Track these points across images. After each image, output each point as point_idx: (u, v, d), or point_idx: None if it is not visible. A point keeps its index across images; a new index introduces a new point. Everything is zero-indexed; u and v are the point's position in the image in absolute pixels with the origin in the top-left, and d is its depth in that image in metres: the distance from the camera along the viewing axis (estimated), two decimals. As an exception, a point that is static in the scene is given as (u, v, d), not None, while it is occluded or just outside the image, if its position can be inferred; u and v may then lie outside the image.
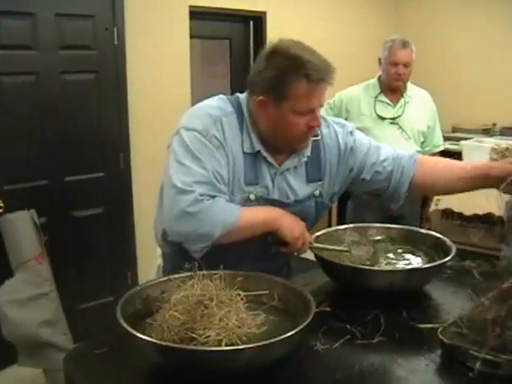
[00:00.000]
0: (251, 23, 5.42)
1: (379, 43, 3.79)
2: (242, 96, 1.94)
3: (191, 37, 4.66)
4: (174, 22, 4.51)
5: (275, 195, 1.92)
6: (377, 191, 2.13)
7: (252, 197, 1.87)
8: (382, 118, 3.65)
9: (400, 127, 3.66)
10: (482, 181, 1.95)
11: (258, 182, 1.88)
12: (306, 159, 1.96)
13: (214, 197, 1.76)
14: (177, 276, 1.65)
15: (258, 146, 1.87)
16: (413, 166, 2.06)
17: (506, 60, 6.00)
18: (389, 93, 3.70)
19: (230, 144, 1.84)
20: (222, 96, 1.96)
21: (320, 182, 2.00)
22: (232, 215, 1.76)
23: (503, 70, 6.02)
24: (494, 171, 1.91)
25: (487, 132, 5.88)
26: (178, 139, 1.84)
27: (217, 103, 1.90)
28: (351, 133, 2.06)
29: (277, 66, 1.78)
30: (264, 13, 5.32)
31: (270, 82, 1.78)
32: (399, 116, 3.66)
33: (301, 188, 1.96)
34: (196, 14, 4.70)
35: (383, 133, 3.62)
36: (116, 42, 4.13)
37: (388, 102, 3.69)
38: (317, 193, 1.99)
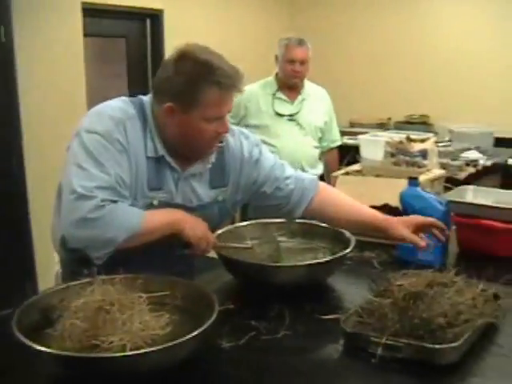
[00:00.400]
0: (148, 21, 5.35)
1: (275, 41, 3.83)
2: (146, 98, 1.89)
3: (85, 35, 4.55)
4: (66, 20, 4.39)
5: (178, 200, 1.89)
6: (274, 207, 2.11)
7: (155, 202, 1.84)
8: (280, 115, 3.70)
9: (298, 123, 3.71)
10: (376, 234, 2.06)
11: (161, 188, 1.85)
12: (210, 165, 1.94)
13: (115, 202, 1.72)
14: (76, 282, 1.60)
15: (162, 151, 1.83)
16: (314, 189, 2.09)
17: (399, 56, 6.23)
18: (286, 90, 3.74)
19: (132, 148, 1.79)
20: (124, 98, 1.90)
21: (224, 188, 1.98)
22: (135, 219, 1.72)
23: (397, 66, 6.25)
24: (392, 234, 2.00)
25: (383, 126, 6.07)
26: (79, 142, 1.77)
27: (119, 105, 1.85)
28: (257, 145, 2.06)
29: (186, 73, 1.74)
30: (161, 11, 5.27)
31: (179, 88, 1.75)
32: (297, 113, 3.72)
33: (204, 193, 1.94)
34: (89, 11, 4.58)
35: (281, 129, 3.66)
36: (3, 40, 3.96)
37: (285, 99, 3.74)
38: (220, 198, 1.98)
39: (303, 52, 3.67)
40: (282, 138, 3.64)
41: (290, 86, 3.74)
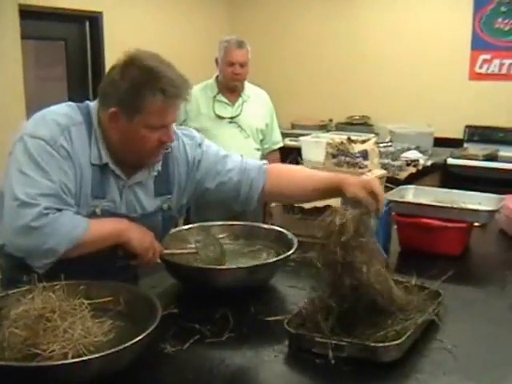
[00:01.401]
0: (87, 23, 5.27)
1: (215, 43, 3.82)
2: (92, 104, 1.86)
3: (22, 37, 4.45)
4: (3, 22, 4.28)
5: (122, 210, 1.86)
6: (225, 202, 2.09)
7: (98, 211, 1.80)
8: (221, 118, 3.69)
9: (239, 126, 3.72)
10: (335, 194, 1.97)
11: (104, 196, 1.82)
12: (156, 173, 1.92)
13: (60, 210, 1.68)
14: (15, 290, 1.56)
15: (106, 159, 1.80)
16: (262, 177, 2.04)
17: (340, 57, 6.29)
18: (227, 92, 3.74)
19: (77, 155, 1.75)
20: (70, 103, 1.86)
21: (169, 196, 1.96)
22: (79, 229, 1.69)
23: (338, 68, 6.31)
24: (348, 191, 1.89)
25: (324, 128, 6.13)
26: (22, 147, 1.72)
27: (65, 111, 1.81)
28: (200, 145, 2.03)
29: (132, 78, 1.71)
30: (100, 13, 5.20)
31: (123, 94, 1.72)
32: (238, 115, 3.72)
33: (149, 202, 1.91)
34: (27, 13, 4.48)
35: (222, 132, 3.65)
36: None
37: (226, 101, 3.74)
38: (165, 206, 1.95)
39: (243, 54, 3.68)
40: (222, 140, 3.61)
41: (230, 88, 3.74)
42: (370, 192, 1.85)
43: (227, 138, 3.63)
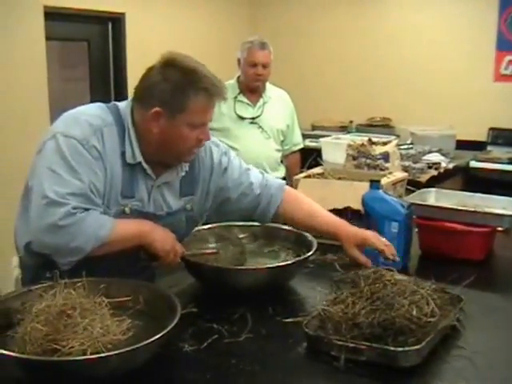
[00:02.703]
0: (110, 24, 5.31)
1: (235, 44, 3.83)
2: (121, 105, 1.90)
3: (47, 39, 4.50)
4: (28, 24, 4.34)
5: (150, 208, 1.90)
6: (242, 213, 2.17)
7: (127, 210, 1.83)
8: (242, 118, 3.70)
9: (260, 127, 3.72)
10: (333, 237, 2.09)
11: (134, 196, 1.85)
12: (183, 174, 1.96)
13: (87, 209, 1.71)
14: (38, 286, 1.59)
15: (140, 158, 1.84)
16: (280, 195, 2.13)
17: (363, 58, 6.27)
18: (248, 93, 3.75)
19: (108, 156, 1.79)
20: (100, 104, 1.90)
21: (192, 197, 2.00)
22: (104, 229, 1.72)
23: (359, 69, 6.29)
24: (343, 245, 2.04)
25: (345, 129, 6.12)
26: (54, 145, 1.75)
27: (97, 112, 1.84)
28: (225, 153, 2.09)
29: (174, 79, 1.77)
30: (123, 14, 5.24)
31: (167, 94, 1.77)
32: (259, 116, 3.72)
33: (174, 201, 1.96)
34: (51, 14, 4.53)
35: (243, 133, 3.67)
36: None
37: (247, 102, 3.74)
38: (188, 207, 1.99)
39: (265, 55, 3.68)
40: (243, 141, 3.65)
41: (252, 89, 3.74)
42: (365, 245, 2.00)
43: (248, 139, 3.64)
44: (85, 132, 1.76)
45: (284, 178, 3.69)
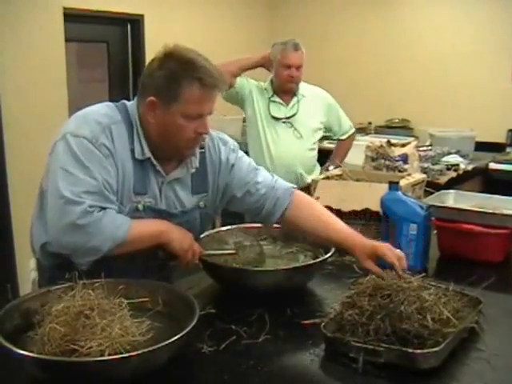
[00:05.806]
0: (128, 26, 5.34)
1: (254, 44, 3.82)
2: (130, 103, 1.91)
3: (66, 40, 4.53)
4: (48, 25, 4.36)
5: (163, 205, 1.90)
6: (247, 213, 2.17)
7: (140, 207, 1.84)
8: (276, 119, 3.70)
9: (292, 126, 3.71)
10: (344, 249, 2.00)
11: (146, 192, 1.86)
12: (194, 170, 1.95)
13: (104, 208, 1.72)
14: (57, 287, 1.60)
15: (148, 153, 1.84)
16: (288, 198, 2.05)
17: (379, 60, 6.24)
18: (281, 94, 3.75)
19: (119, 152, 1.80)
20: (109, 103, 1.91)
21: (205, 194, 2.00)
22: (121, 229, 1.73)
23: (378, 70, 6.26)
24: (356, 259, 1.94)
25: (363, 130, 6.08)
26: (65, 146, 1.76)
27: (105, 110, 1.85)
28: (233, 150, 2.06)
29: (170, 68, 1.76)
30: (141, 15, 5.27)
31: (161, 82, 1.77)
32: (293, 115, 3.72)
33: (187, 199, 1.96)
34: (71, 16, 4.56)
35: (276, 132, 3.69)
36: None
37: (280, 101, 3.74)
38: (201, 204, 1.99)
39: (299, 57, 3.68)
40: (275, 140, 3.66)
41: (285, 90, 3.74)
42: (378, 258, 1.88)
43: (280, 138, 3.65)
44: (94, 130, 1.77)
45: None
